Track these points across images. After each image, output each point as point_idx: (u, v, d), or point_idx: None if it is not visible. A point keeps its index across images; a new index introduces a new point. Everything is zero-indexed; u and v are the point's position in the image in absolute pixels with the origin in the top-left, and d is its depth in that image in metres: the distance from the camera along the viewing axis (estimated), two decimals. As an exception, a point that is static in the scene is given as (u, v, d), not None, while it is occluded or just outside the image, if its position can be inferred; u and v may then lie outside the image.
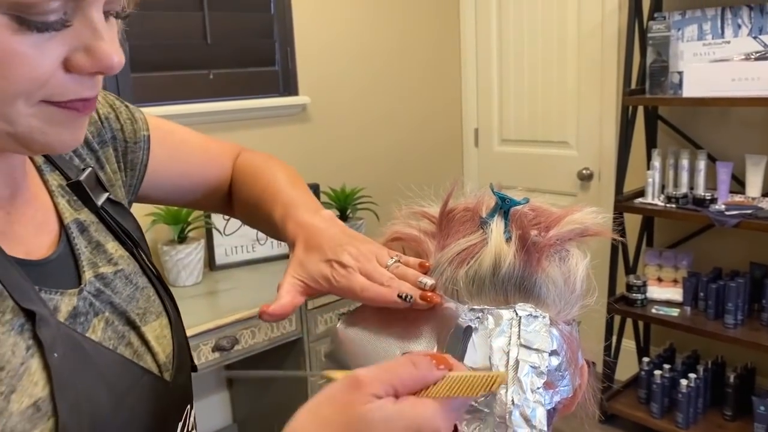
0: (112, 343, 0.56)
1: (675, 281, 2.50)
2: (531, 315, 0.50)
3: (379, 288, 0.54)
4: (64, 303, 0.53)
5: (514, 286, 0.51)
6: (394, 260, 0.57)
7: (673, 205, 2.30)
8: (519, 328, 0.50)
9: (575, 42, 2.81)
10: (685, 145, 2.51)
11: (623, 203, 2.41)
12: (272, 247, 2.47)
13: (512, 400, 0.48)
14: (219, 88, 2.40)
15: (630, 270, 2.57)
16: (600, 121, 2.79)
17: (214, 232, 2.35)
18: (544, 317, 0.51)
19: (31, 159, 0.60)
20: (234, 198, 0.82)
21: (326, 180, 2.59)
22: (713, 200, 2.25)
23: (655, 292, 2.49)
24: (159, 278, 0.67)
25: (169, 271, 2.19)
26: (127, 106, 0.73)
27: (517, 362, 0.49)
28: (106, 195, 0.63)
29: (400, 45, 2.95)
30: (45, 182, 0.59)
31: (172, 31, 2.29)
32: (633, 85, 2.41)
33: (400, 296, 0.52)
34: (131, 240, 0.64)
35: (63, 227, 0.58)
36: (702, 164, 2.32)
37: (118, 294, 0.59)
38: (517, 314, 0.50)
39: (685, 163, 2.36)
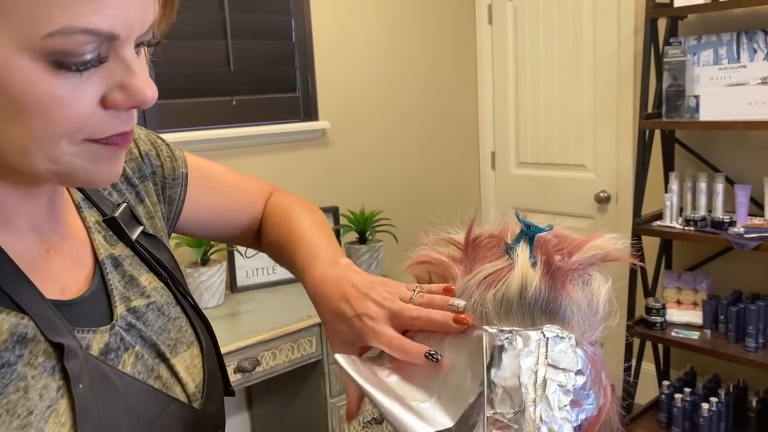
0: (142, 377, 0.57)
1: (694, 304, 2.49)
2: (557, 336, 0.53)
3: (408, 345, 0.56)
4: (96, 341, 0.54)
5: (540, 309, 0.54)
6: (416, 291, 0.59)
7: (692, 228, 2.30)
8: (546, 348, 0.52)
9: (591, 66, 2.84)
10: (703, 168, 2.52)
11: (641, 226, 2.42)
12: (292, 269, 2.50)
13: (540, 417, 0.50)
14: (241, 113, 2.46)
15: (649, 293, 2.57)
16: (617, 144, 2.80)
17: (236, 254, 2.39)
18: (570, 338, 0.53)
19: (71, 195, 0.62)
20: (263, 238, 0.85)
21: (345, 203, 2.63)
22: (732, 223, 2.25)
23: (674, 314, 2.48)
24: (194, 306, 0.68)
25: (192, 293, 2.22)
26: (168, 145, 0.77)
27: (545, 381, 0.51)
28: (140, 229, 0.65)
29: (417, 70, 3.00)
30: (83, 219, 0.62)
31: (196, 59, 2.35)
32: (650, 109, 2.43)
33: (427, 356, 0.54)
34: (165, 271, 0.66)
35: (98, 263, 0.60)
36: (720, 187, 2.33)
37: (150, 326, 0.61)
38: (544, 335, 0.52)
39: (703, 186, 2.36)
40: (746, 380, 2.45)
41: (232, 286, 2.40)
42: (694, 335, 2.37)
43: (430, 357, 0.54)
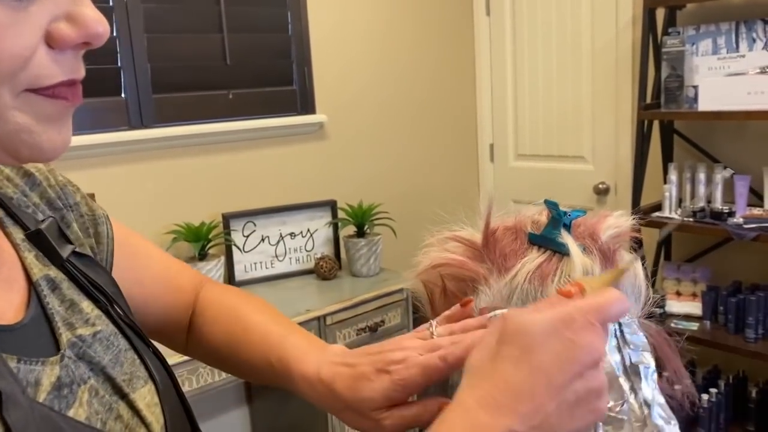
0: (100, 418, 0.49)
1: (694, 295, 2.49)
2: (626, 318, 0.53)
3: (435, 362, 0.52)
4: (46, 374, 0.46)
5: None
6: (431, 327, 0.55)
7: (691, 219, 2.30)
8: (621, 333, 0.53)
9: (589, 57, 2.82)
10: (702, 158, 2.51)
11: (640, 217, 2.40)
12: (291, 263, 2.49)
13: (644, 401, 0.50)
14: (238, 107, 2.45)
15: (648, 284, 2.56)
16: (616, 135, 2.79)
17: (234, 248, 2.39)
18: (633, 319, 0.54)
19: None
20: (197, 334, 0.72)
21: (343, 196, 2.62)
22: (731, 213, 2.24)
23: (674, 306, 2.48)
24: (142, 338, 0.58)
25: (190, 288, 2.21)
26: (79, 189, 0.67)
27: (633, 366, 0.51)
28: (71, 247, 0.56)
29: (415, 62, 2.99)
30: (8, 235, 0.53)
31: (192, 53, 2.34)
32: (648, 100, 2.42)
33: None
34: (105, 296, 0.56)
35: (32, 285, 0.51)
36: (719, 177, 2.32)
37: (101, 358, 0.52)
38: (618, 322, 0.53)
39: (702, 176, 2.35)
40: (746, 371, 2.45)
41: (230, 280, 2.40)
42: (694, 326, 2.37)
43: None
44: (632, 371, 0.51)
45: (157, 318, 0.72)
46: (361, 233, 2.49)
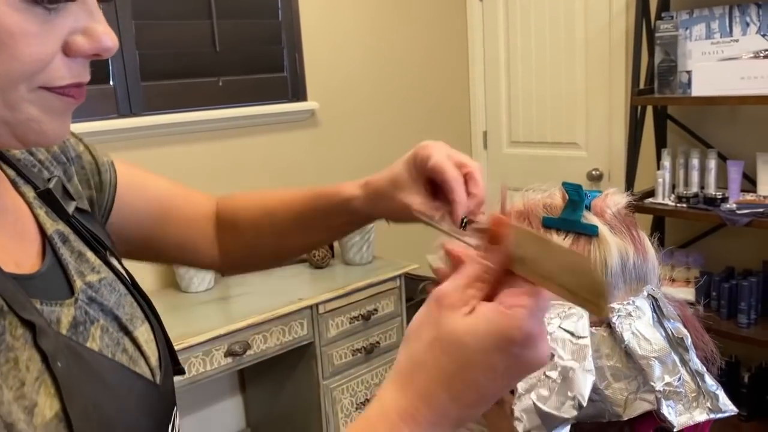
0: (110, 351, 0.56)
1: (687, 281, 2.49)
2: (659, 294, 0.54)
3: (462, 190, 0.61)
4: (64, 314, 0.53)
5: (636, 273, 0.54)
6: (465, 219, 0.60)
7: (684, 205, 2.29)
8: (658, 305, 0.53)
9: (583, 43, 2.80)
10: (695, 144, 2.50)
11: (633, 203, 2.40)
12: (283, 252, 2.48)
13: (695, 371, 0.51)
14: (228, 94, 2.42)
15: (641, 270, 2.56)
16: (609, 121, 2.78)
17: (225, 237, 2.37)
18: (660, 293, 0.55)
19: (4, 172, 0.60)
20: (231, 231, 0.79)
21: (336, 184, 2.60)
22: (724, 199, 2.24)
23: (667, 292, 2.47)
24: (134, 285, 0.67)
25: (182, 277, 2.20)
26: (84, 139, 0.74)
27: (678, 338, 0.52)
28: (74, 204, 0.63)
29: (408, 49, 2.96)
30: (22, 195, 0.59)
31: (181, 40, 2.31)
32: (641, 85, 2.41)
33: (462, 220, 0.57)
34: (103, 247, 0.64)
35: (46, 238, 0.58)
36: (712, 163, 2.31)
37: (107, 301, 0.60)
38: (651, 296, 0.54)
39: (695, 162, 2.35)
40: (738, 356, 2.45)
41: (222, 269, 2.38)
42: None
43: (462, 222, 0.57)
44: (679, 343, 0.52)
45: (179, 232, 0.79)
46: (353, 221, 2.47)
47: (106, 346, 0.56)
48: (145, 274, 2.26)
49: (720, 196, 2.24)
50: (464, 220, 0.57)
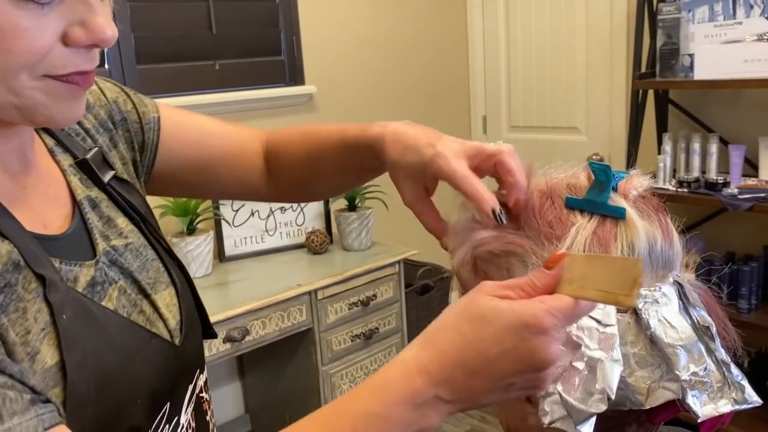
0: (126, 310, 0.60)
1: (687, 266, 2.47)
2: (683, 281, 0.53)
3: (479, 186, 0.57)
4: (83, 274, 0.56)
5: (663, 259, 0.53)
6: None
7: (685, 190, 2.27)
8: (684, 292, 0.52)
9: (584, 26, 2.77)
10: (697, 128, 2.48)
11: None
12: (281, 237, 2.46)
13: (721, 360, 0.50)
14: (225, 78, 2.39)
15: (642, 255, 2.55)
16: (610, 105, 2.76)
17: (223, 223, 2.35)
18: (685, 279, 0.53)
19: (43, 141, 0.63)
20: (284, 160, 0.82)
21: (334, 169, 2.58)
22: (726, 184, 2.22)
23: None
24: (168, 251, 0.70)
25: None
26: (135, 93, 0.76)
27: (704, 327, 0.50)
28: (112, 173, 0.67)
29: (407, 32, 2.93)
30: (57, 162, 0.63)
31: (177, 22, 2.28)
32: (643, 69, 2.38)
33: (494, 212, 0.55)
34: (138, 215, 0.67)
35: (76, 203, 0.61)
36: (714, 147, 2.29)
37: (130, 264, 0.63)
38: (676, 282, 0.52)
39: (696, 146, 2.33)
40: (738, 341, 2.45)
41: (220, 255, 2.37)
42: (687, 297, 2.36)
43: (496, 215, 0.55)
44: (704, 332, 0.50)
45: (233, 171, 0.82)
46: (352, 207, 2.46)
47: (122, 306, 0.59)
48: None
49: (721, 181, 2.22)
50: (496, 211, 0.54)
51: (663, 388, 0.49)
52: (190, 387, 0.66)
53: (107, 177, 0.66)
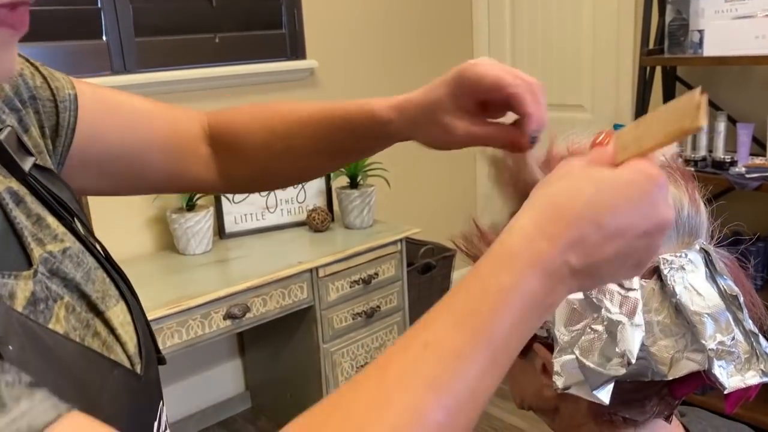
0: (78, 334, 0.48)
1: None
2: (710, 248, 0.52)
3: (531, 95, 0.55)
4: (20, 288, 0.44)
5: (690, 226, 0.52)
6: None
7: (692, 168, 2.24)
8: (710, 259, 0.50)
9: (591, 1, 2.72)
10: (704, 106, 2.44)
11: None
12: (282, 214, 2.44)
13: (750, 330, 0.48)
14: (225, 52, 2.35)
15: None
16: (616, 83, 2.71)
17: (224, 200, 2.32)
18: (713, 248, 0.52)
19: None
20: (232, 150, 0.71)
21: (336, 146, 2.55)
22: (733, 163, 2.19)
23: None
24: (107, 257, 0.57)
25: (179, 239, 2.16)
26: (43, 65, 0.62)
27: (731, 296, 0.48)
28: (32, 159, 0.53)
29: (410, 6, 2.87)
30: None
31: (176, -6, 2.23)
32: (651, 45, 2.34)
33: (532, 139, 0.53)
34: (68, 212, 0.54)
35: None
36: (722, 126, 2.26)
37: (72, 275, 0.50)
38: (703, 250, 0.51)
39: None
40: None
41: (220, 232, 2.34)
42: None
43: (534, 137, 0.54)
44: (731, 301, 0.48)
45: (166, 159, 0.70)
46: (354, 184, 2.43)
47: (73, 328, 0.47)
48: (141, 236, 2.23)
49: (729, 160, 2.19)
50: (532, 137, 0.53)
51: (687, 359, 0.47)
52: (155, 424, 0.54)
53: (27, 165, 0.52)
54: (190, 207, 2.17)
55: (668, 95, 2.48)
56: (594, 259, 0.40)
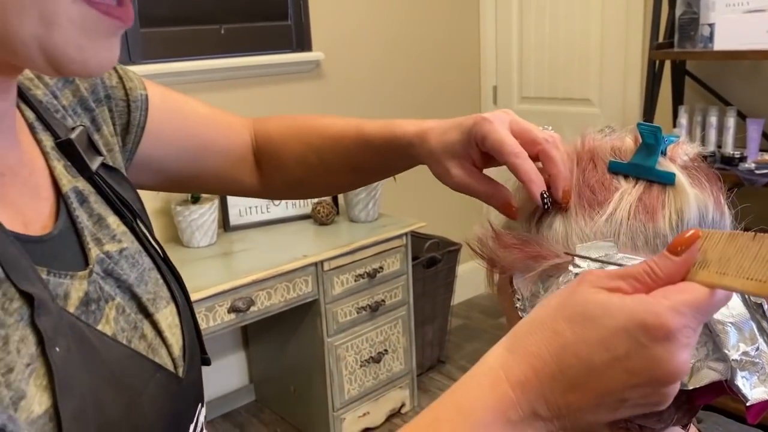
0: (126, 336, 0.48)
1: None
2: None
3: (528, 162, 0.53)
4: (75, 288, 0.45)
5: (714, 228, 0.49)
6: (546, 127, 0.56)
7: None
8: None
9: (600, -6, 2.69)
10: (714, 101, 2.41)
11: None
12: (287, 207, 2.42)
13: None
14: (230, 43, 2.33)
15: (653, 231, 2.51)
16: (624, 76, 2.69)
17: (228, 192, 2.31)
18: None
19: (22, 113, 0.51)
20: (273, 160, 0.75)
21: (341, 139, 2.53)
22: (742, 158, 2.17)
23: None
24: (164, 258, 0.59)
25: (183, 232, 2.15)
26: (122, 66, 0.65)
27: (756, 302, 0.46)
28: (100, 159, 0.54)
29: (417, -2, 2.85)
30: (38, 142, 0.51)
31: (181, -16, 2.21)
32: (660, 39, 2.31)
33: (543, 195, 0.51)
34: (131, 212, 0.56)
35: (61, 196, 0.49)
36: (731, 121, 2.23)
37: (127, 276, 0.51)
38: None
39: (713, 120, 2.27)
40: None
41: (225, 224, 2.33)
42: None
43: (544, 199, 0.51)
44: (757, 310, 0.46)
45: (218, 164, 0.74)
46: (359, 177, 2.41)
47: (121, 330, 0.48)
48: (146, 228, 2.22)
49: (738, 156, 2.17)
50: (544, 196, 0.51)
51: (708, 368, 0.45)
52: (191, 426, 0.55)
53: (95, 164, 0.53)
54: (195, 199, 2.16)
55: (677, 90, 2.45)
56: (565, 411, 0.38)
